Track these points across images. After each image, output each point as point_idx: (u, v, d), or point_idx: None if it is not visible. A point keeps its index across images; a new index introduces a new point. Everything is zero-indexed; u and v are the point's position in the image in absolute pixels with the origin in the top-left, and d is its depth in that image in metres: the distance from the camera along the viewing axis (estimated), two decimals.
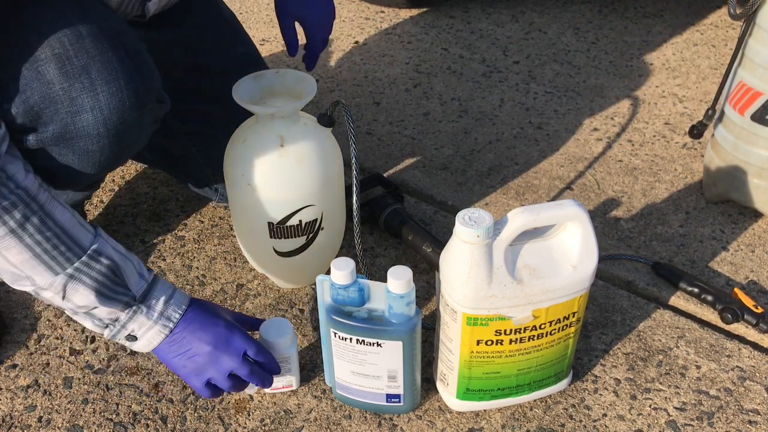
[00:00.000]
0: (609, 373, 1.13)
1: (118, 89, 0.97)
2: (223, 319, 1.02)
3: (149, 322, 0.97)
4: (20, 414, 1.08)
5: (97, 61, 0.95)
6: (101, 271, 0.92)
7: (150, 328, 0.97)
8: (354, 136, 1.08)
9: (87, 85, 0.95)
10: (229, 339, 1.00)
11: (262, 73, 1.15)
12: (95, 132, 0.98)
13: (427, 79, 1.94)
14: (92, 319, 0.96)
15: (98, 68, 0.96)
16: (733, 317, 1.18)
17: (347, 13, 2.29)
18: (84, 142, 0.99)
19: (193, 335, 0.99)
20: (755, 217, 1.43)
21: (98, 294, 0.92)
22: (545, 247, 0.95)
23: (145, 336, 0.98)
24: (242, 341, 1.00)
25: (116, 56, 0.97)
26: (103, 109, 0.97)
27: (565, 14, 2.27)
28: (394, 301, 0.94)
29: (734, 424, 1.05)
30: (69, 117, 0.96)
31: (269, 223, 1.14)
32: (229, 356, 0.99)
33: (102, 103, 0.97)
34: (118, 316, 0.96)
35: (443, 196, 1.51)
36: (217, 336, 0.99)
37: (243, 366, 1.00)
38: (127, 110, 0.99)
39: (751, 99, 1.31)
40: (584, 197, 1.50)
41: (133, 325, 0.97)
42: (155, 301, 0.97)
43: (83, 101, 0.96)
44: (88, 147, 1.00)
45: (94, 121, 0.97)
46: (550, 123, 1.75)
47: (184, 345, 0.99)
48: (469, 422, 1.06)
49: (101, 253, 0.93)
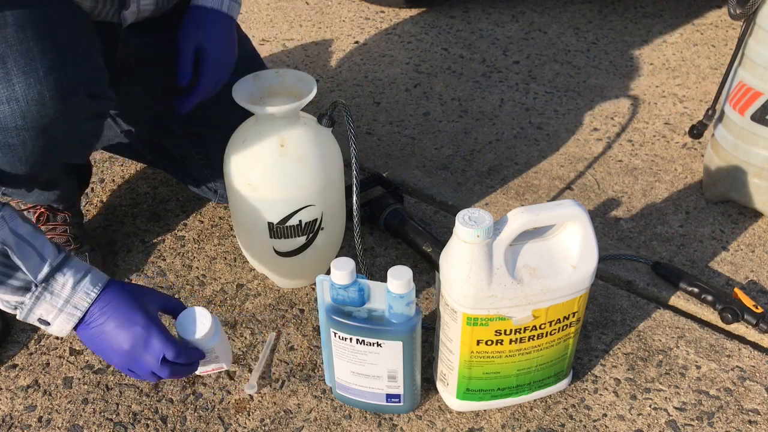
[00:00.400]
0: (609, 373, 1.13)
1: (36, 80, 0.93)
2: (142, 316, 0.94)
3: (54, 309, 0.91)
4: (20, 414, 1.08)
5: (15, 51, 0.91)
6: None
7: (57, 315, 0.92)
8: (354, 136, 1.08)
9: (2, 75, 0.91)
10: (146, 342, 0.93)
11: (262, 73, 1.14)
12: (13, 124, 0.94)
13: (427, 79, 1.94)
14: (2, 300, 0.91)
15: (15, 58, 0.91)
16: (733, 317, 1.18)
17: (347, 13, 2.29)
18: (2, 135, 0.95)
19: (108, 334, 0.93)
20: (755, 217, 1.43)
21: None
22: (545, 247, 0.95)
23: (55, 322, 0.93)
24: (160, 344, 0.94)
25: (38, 46, 0.93)
26: (19, 100, 0.93)
27: (565, 14, 2.27)
28: (394, 301, 0.94)
29: (734, 424, 1.05)
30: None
31: (269, 223, 1.14)
32: (147, 360, 0.94)
33: (18, 95, 0.92)
34: (22, 300, 0.91)
35: (443, 196, 1.51)
36: (133, 338, 0.93)
37: (162, 369, 0.94)
38: (48, 103, 0.94)
39: (751, 99, 1.31)
40: (584, 197, 1.50)
41: (39, 310, 0.92)
42: (60, 286, 0.91)
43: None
44: (8, 140, 0.95)
45: (11, 113, 0.93)
46: (550, 123, 1.75)
47: (102, 341, 0.93)
48: (469, 422, 1.06)
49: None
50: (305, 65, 2.01)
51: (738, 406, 1.08)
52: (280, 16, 2.28)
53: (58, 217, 1.28)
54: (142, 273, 1.32)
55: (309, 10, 2.32)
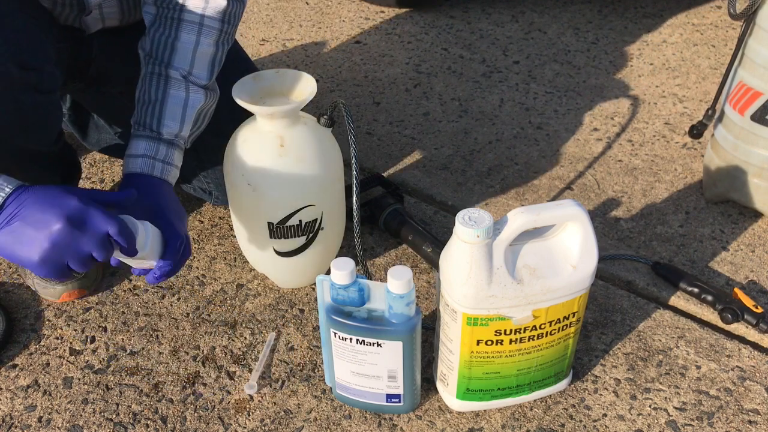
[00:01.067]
0: (609, 373, 1.13)
1: None
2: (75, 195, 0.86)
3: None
4: (20, 414, 1.08)
5: None
6: None
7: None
8: (354, 136, 1.08)
9: None
10: (85, 217, 0.85)
11: (262, 73, 1.14)
12: None
13: (427, 79, 1.94)
14: None
15: None
16: (733, 317, 1.18)
17: (347, 13, 2.29)
18: None
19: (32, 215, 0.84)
20: (755, 217, 1.43)
21: None
22: (545, 247, 0.95)
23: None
24: (103, 218, 0.86)
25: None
26: None
27: (565, 14, 2.27)
28: (394, 301, 0.94)
29: (734, 424, 1.05)
30: None
31: (269, 223, 1.14)
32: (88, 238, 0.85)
33: None
34: None
35: (443, 196, 1.51)
36: (68, 212, 0.84)
37: (103, 248, 0.86)
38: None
39: (751, 99, 1.31)
40: (584, 197, 1.50)
41: None
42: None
43: None
44: None
45: None
46: (550, 123, 1.75)
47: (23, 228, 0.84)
48: (469, 422, 1.06)
49: None
50: (305, 65, 2.01)
51: (738, 406, 1.08)
52: (280, 16, 2.28)
53: None
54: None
55: (309, 10, 2.32)
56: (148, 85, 1.14)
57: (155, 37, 1.14)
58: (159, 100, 1.13)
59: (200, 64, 1.15)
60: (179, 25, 1.13)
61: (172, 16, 1.13)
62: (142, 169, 1.10)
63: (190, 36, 1.13)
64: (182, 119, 1.13)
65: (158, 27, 1.14)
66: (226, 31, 1.16)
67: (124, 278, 1.31)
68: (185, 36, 1.12)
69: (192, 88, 1.14)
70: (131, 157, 1.11)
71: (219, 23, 1.14)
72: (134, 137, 1.13)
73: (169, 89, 1.13)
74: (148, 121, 1.13)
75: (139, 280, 1.30)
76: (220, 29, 1.15)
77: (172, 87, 1.13)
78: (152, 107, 1.13)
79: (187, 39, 1.13)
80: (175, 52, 1.13)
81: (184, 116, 1.13)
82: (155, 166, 1.11)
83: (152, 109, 1.13)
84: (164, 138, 1.13)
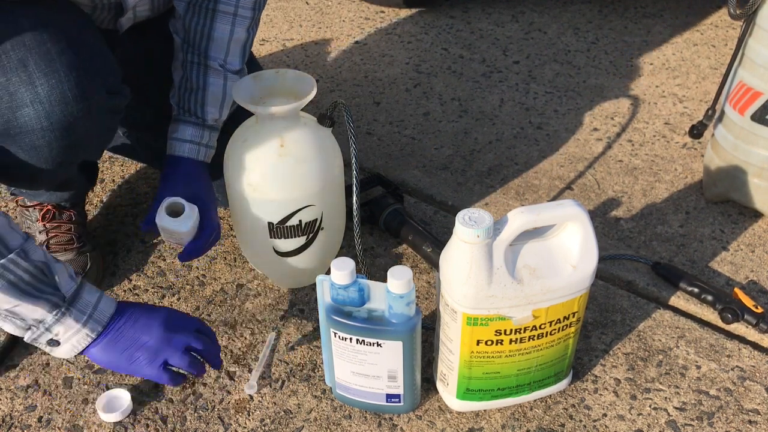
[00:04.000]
0: (609, 373, 1.13)
1: (59, 81, 0.94)
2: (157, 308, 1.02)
3: (77, 325, 0.92)
4: (20, 414, 1.08)
5: (35, 53, 0.92)
6: (28, 269, 0.88)
7: (77, 332, 0.93)
8: (354, 136, 1.08)
9: (24, 78, 0.92)
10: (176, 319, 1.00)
11: (262, 73, 1.14)
12: (38, 126, 0.95)
13: (427, 79, 1.94)
14: (14, 319, 0.91)
15: (36, 60, 0.92)
16: (733, 317, 1.18)
17: (347, 13, 2.29)
18: (29, 138, 0.96)
19: (136, 325, 0.96)
20: (755, 217, 1.43)
21: (23, 292, 0.88)
22: (545, 247, 0.95)
23: (69, 341, 0.93)
24: (188, 318, 1.02)
25: (56, 47, 0.94)
26: (43, 102, 0.94)
27: (565, 14, 2.27)
28: (394, 301, 0.94)
29: (734, 424, 1.05)
30: (10, 112, 0.93)
31: (269, 223, 1.14)
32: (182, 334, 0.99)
33: (42, 96, 0.93)
34: (44, 317, 0.91)
35: (443, 196, 1.51)
36: (162, 317, 0.98)
37: (197, 340, 1.00)
38: (71, 102, 0.96)
39: (751, 99, 1.31)
40: (584, 197, 1.50)
41: (59, 328, 0.92)
42: (84, 303, 0.93)
43: (23, 95, 0.93)
44: (35, 142, 0.96)
45: (36, 115, 0.94)
46: (550, 123, 1.75)
47: (128, 337, 0.96)
48: (469, 422, 1.06)
49: (29, 252, 0.89)
50: (305, 65, 2.01)
51: (738, 406, 1.08)
52: (280, 16, 2.28)
53: (64, 215, 1.28)
54: (142, 273, 1.32)
55: (309, 10, 2.32)
56: (189, 73, 1.20)
57: (191, 26, 1.19)
58: (201, 87, 1.20)
59: (234, 51, 1.21)
60: (214, 16, 1.18)
61: (207, 6, 1.18)
62: (189, 154, 1.20)
63: (225, 26, 1.18)
64: (221, 105, 1.22)
65: (192, 15, 1.19)
66: (256, 18, 1.22)
67: (124, 278, 1.31)
68: (220, 26, 1.18)
69: (229, 76, 1.21)
70: (178, 140, 1.20)
71: (251, 11, 1.20)
72: (180, 122, 1.21)
73: (209, 77, 1.20)
74: (192, 107, 1.20)
75: (138, 280, 1.30)
76: (252, 17, 1.20)
77: (212, 75, 1.20)
78: (195, 94, 1.20)
79: (223, 29, 1.18)
80: (211, 42, 1.19)
81: (223, 103, 1.21)
82: (200, 151, 1.21)
83: (195, 96, 1.20)
84: (208, 124, 1.21)
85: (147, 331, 0.97)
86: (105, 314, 0.95)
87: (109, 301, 0.97)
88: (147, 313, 0.98)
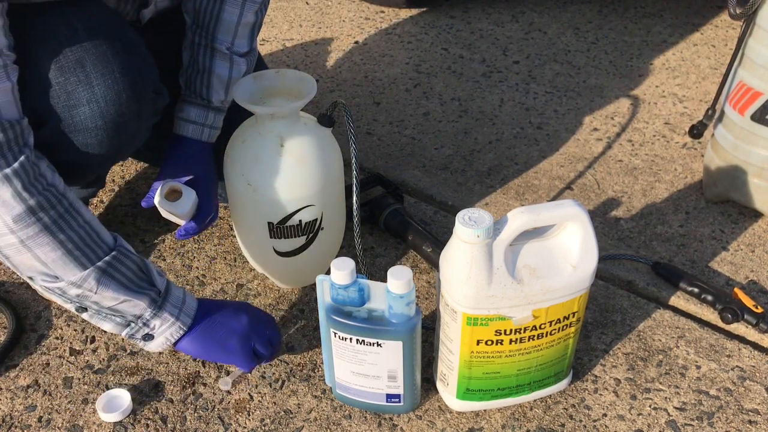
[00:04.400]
0: (609, 373, 1.13)
1: (114, 81, 0.97)
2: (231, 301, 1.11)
3: (172, 318, 1.00)
4: (20, 414, 1.08)
5: (92, 54, 0.95)
6: (130, 266, 0.95)
7: (171, 325, 1.00)
8: (354, 136, 1.08)
9: (82, 78, 0.95)
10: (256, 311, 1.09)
11: (262, 73, 1.14)
12: (93, 125, 0.98)
13: (427, 79, 1.94)
14: (115, 317, 0.97)
15: (93, 61, 0.95)
16: (733, 317, 1.18)
17: (347, 13, 2.29)
18: (83, 136, 0.99)
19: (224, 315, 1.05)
20: (755, 217, 1.43)
21: (128, 288, 0.95)
22: (545, 247, 0.95)
23: (163, 334, 1.01)
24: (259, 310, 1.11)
25: (111, 48, 0.97)
26: (99, 101, 0.96)
27: (565, 14, 2.27)
28: (394, 301, 0.94)
29: (734, 424, 1.05)
30: (66, 111, 0.96)
31: (269, 223, 1.14)
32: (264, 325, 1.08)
33: (98, 96, 0.96)
34: (142, 313, 0.98)
35: (443, 196, 1.51)
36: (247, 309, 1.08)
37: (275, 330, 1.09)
38: (124, 102, 0.99)
39: (751, 99, 1.31)
40: (584, 197, 1.50)
41: (155, 321, 0.99)
42: (176, 299, 1.01)
43: (79, 95, 0.95)
44: (87, 140, 0.99)
45: (92, 114, 0.97)
46: (550, 123, 1.75)
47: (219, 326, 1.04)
48: (469, 422, 1.06)
49: (127, 249, 0.96)
50: (305, 65, 2.01)
51: (738, 406, 1.08)
52: (279, 16, 2.28)
53: None
54: None
55: (309, 10, 2.32)
56: (196, 54, 1.21)
57: (200, 7, 1.20)
58: (207, 69, 1.21)
59: (242, 34, 1.22)
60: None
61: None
62: (193, 135, 1.22)
63: (235, 9, 1.19)
64: (227, 88, 1.22)
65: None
66: (266, 1, 1.23)
67: None
68: (229, 8, 1.19)
69: (235, 59, 1.22)
70: (183, 120, 1.22)
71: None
72: (186, 102, 1.22)
73: (215, 60, 1.21)
74: (198, 88, 1.22)
75: None
76: (261, 1, 1.21)
77: (218, 58, 1.21)
78: (201, 76, 1.21)
79: (232, 11, 1.19)
80: (219, 24, 1.20)
81: (228, 86, 1.22)
82: (204, 132, 1.23)
83: (201, 78, 1.21)
84: (213, 105, 1.23)
85: (236, 319, 1.05)
86: (192, 308, 1.03)
87: (192, 296, 1.05)
88: (227, 306, 1.07)
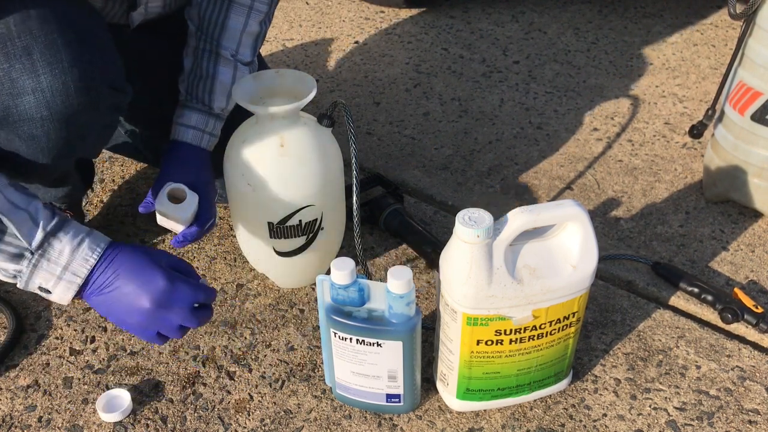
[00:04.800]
0: (609, 373, 1.13)
1: (62, 71, 0.93)
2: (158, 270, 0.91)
3: (53, 277, 0.88)
4: (20, 414, 1.08)
5: (40, 42, 0.91)
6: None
7: (57, 283, 0.89)
8: (354, 136, 1.08)
9: (28, 66, 0.91)
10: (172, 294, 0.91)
11: (262, 73, 1.15)
12: (38, 115, 0.94)
13: (427, 79, 1.94)
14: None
15: (41, 49, 0.92)
16: (733, 317, 1.18)
17: (347, 13, 2.29)
18: (27, 126, 0.95)
19: (126, 296, 0.90)
20: (755, 217, 1.43)
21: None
22: (545, 247, 0.95)
23: (55, 290, 0.90)
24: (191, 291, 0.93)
25: (63, 38, 0.93)
26: (45, 91, 0.93)
27: (565, 14, 2.27)
28: (394, 301, 0.94)
29: (734, 424, 1.05)
30: (10, 99, 0.93)
31: (269, 223, 1.14)
32: (176, 312, 0.92)
33: (44, 85, 0.93)
34: (20, 268, 0.88)
35: (443, 196, 1.51)
36: (156, 293, 0.90)
37: (192, 318, 0.93)
38: (72, 94, 0.95)
39: (751, 99, 1.31)
40: (584, 197, 1.50)
41: (37, 278, 0.89)
42: (57, 252, 0.88)
43: (24, 83, 0.92)
44: (32, 131, 0.96)
45: (36, 103, 0.93)
46: (550, 123, 1.75)
47: (118, 305, 0.91)
48: (469, 422, 1.06)
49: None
50: (305, 65, 2.01)
51: (738, 406, 1.08)
52: (280, 16, 2.28)
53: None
54: None
55: (309, 10, 2.32)
56: (200, 60, 1.22)
57: (205, 15, 1.20)
58: (210, 76, 1.21)
59: (246, 43, 1.23)
60: (230, 6, 1.21)
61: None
62: (192, 141, 1.21)
63: (240, 17, 1.20)
64: (229, 96, 1.22)
65: (208, 5, 1.21)
66: (270, 12, 1.24)
67: None
68: (235, 17, 1.20)
69: (239, 66, 1.22)
70: (182, 126, 1.21)
71: (266, 6, 1.22)
72: (186, 107, 1.22)
73: (219, 66, 1.21)
74: (200, 94, 1.21)
75: None
76: (266, 12, 1.22)
77: (222, 65, 1.21)
78: (204, 82, 1.21)
79: (237, 20, 1.20)
80: (224, 31, 1.20)
81: (231, 93, 1.20)
82: (203, 139, 1.22)
83: (204, 84, 1.21)
84: (214, 112, 1.23)
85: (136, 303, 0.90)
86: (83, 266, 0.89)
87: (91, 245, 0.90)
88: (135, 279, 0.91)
